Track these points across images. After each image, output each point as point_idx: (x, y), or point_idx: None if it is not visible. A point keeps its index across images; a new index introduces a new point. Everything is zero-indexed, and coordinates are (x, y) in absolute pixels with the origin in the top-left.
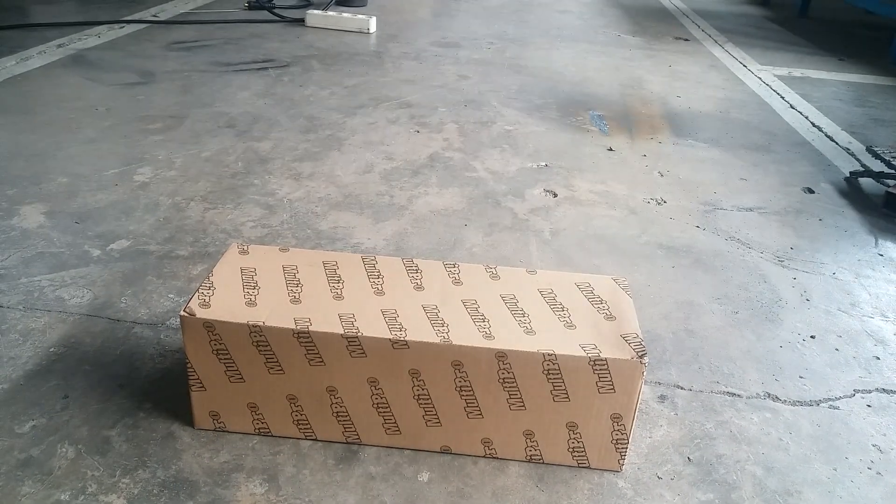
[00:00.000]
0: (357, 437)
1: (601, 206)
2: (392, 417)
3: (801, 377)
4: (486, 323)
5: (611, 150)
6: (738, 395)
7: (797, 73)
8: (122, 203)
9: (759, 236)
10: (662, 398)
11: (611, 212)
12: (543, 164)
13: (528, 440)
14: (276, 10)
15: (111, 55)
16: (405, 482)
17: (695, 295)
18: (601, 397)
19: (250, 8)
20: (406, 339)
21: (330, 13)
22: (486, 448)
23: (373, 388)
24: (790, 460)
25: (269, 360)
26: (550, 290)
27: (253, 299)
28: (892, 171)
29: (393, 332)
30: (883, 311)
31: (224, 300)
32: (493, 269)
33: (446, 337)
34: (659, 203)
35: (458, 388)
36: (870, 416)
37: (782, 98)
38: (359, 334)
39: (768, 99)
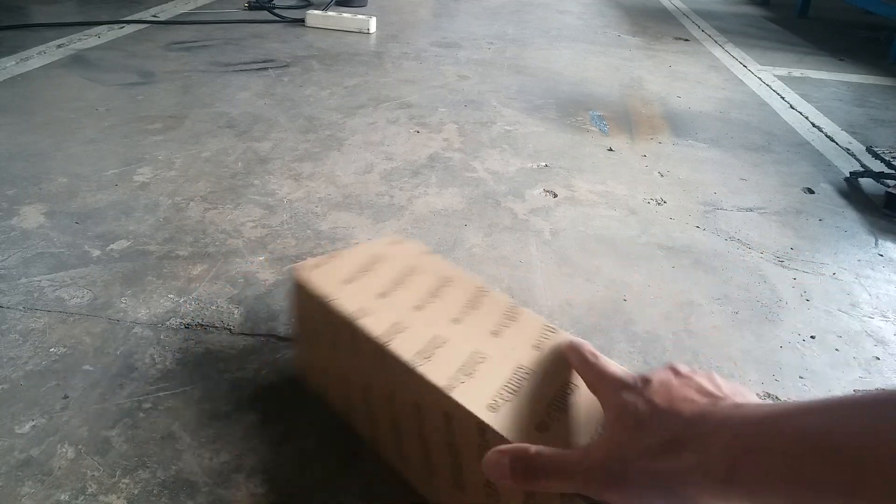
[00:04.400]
0: (378, 446)
1: (601, 206)
2: (401, 441)
3: (801, 377)
4: (512, 395)
5: (611, 150)
6: None
7: (797, 73)
8: (122, 203)
9: (759, 236)
10: None
11: (611, 212)
12: (543, 164)
13: None
14: (276, 11)
15: (111, 55)
16: (405, 482)
17: (695, 295)
18: None
19: (250, 8)
20: (416, 368)
21: (330, 13)
22: None
23: (390, 404)
24: None
25: (332, 336)
26: None
27: (353, 279)
28: (892, 172)
29: (412, 357)
30: (883, 311)
31: (334, 270)
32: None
33: (453, 385)
34: (659, 203)
35: (447, 444)
36: None
37: (782, 98)
38: (387, 344)
39: (768, 99)
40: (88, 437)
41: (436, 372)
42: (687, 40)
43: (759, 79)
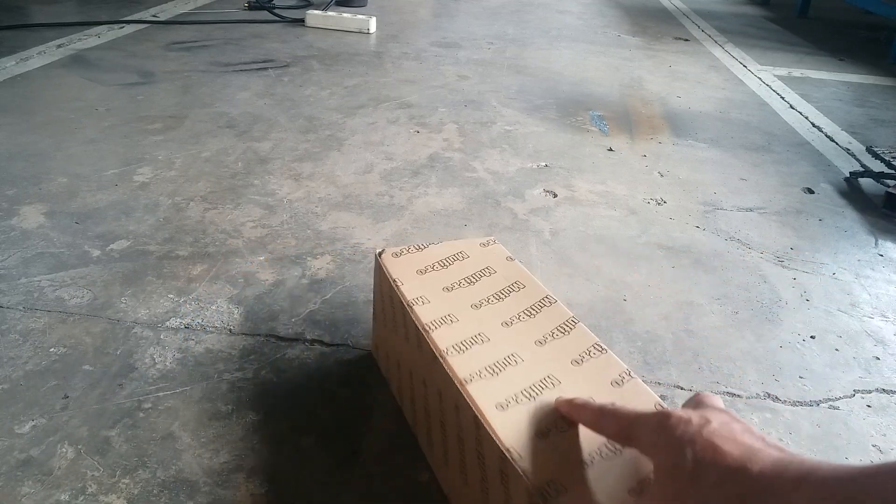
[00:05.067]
0: (415, 428)
1: (601, 206)
2: (430, 429)
3: (800, 377)
4: (528, 400)
5: (611, 150)
6: (738, 396)
7: (797, 73)
8: (122, 203)
9: (759, 236)
10: (663, 399)
11: (611, 212)
12: (543, 164)
13: None
14: (276, 11)
15: (111, 55)
16: (405, 483)
17: (695, 295)
18: None
19: (250, 8)
20: (444, 358)
21: (330, 13)
22: None
23: (425, 390)
24: None
25: (393, 319)
26: None
27: (427, 270)
28: (892, 172)
29: (446, 347)
30: (883, 311)
31: (412, 260)
32: (621, 380)
33: (471, 379)
34: (659, 203)
35: (457, 436)
36: (870, 416)
37: (782, 98)
38: (428, 332)
39: (768, 99)
40: (88, 437)
41: (461, 365)
42: (687, 40)
43: (759, 79)
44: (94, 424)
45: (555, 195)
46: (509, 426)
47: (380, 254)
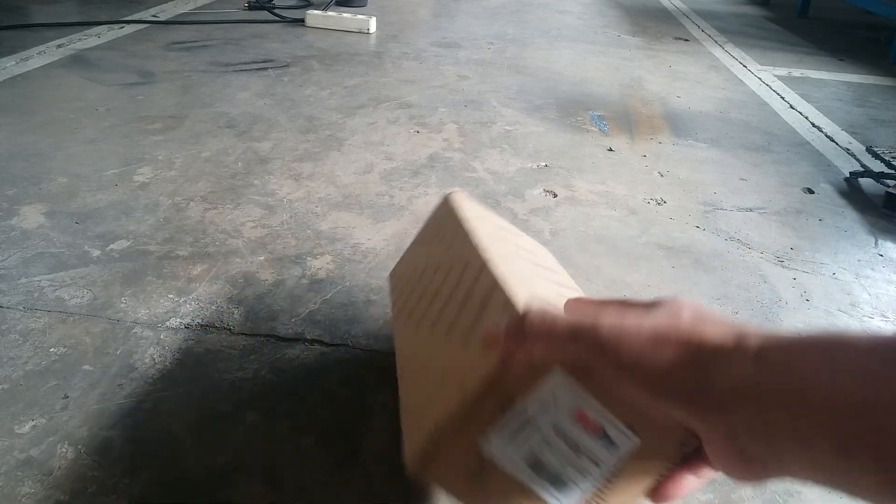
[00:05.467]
0: (398, 315)
1: (601, 206)
2: (419, 297)
3: None
4: (542, 292)
5: (611, 150)
6: None
7: (797, 73)
8: (122, 203)
9: (759, 236)
10: None
11: (611, 212)
12: (543, 164)
13: None
14: (276, 11)
15: (111, 55)
16: (405, 483)
17: (695, 295)
18: None
19: (250, 8)
20: (479, 243)
21: (330, 13)
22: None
23: (438, 272)
24: None
25: (435, 232)
26: None
27: (484, 219)
28: (892, 172)
29: (484, 242)
30: (883, 311)
31: (476, 208)
32: None
33: (496, 261)
34: (659, 203)
35: (455, 283)
36: None
37: (782, 98)
38: (471, 231)
39: (768, 99)
40: (88, 437)
41: (490, 252)
42: (687, 40)
43: (759, 79)
44: (94, 424)
45: (555, 195)
46: (517, 285)
47: (447, 195)
